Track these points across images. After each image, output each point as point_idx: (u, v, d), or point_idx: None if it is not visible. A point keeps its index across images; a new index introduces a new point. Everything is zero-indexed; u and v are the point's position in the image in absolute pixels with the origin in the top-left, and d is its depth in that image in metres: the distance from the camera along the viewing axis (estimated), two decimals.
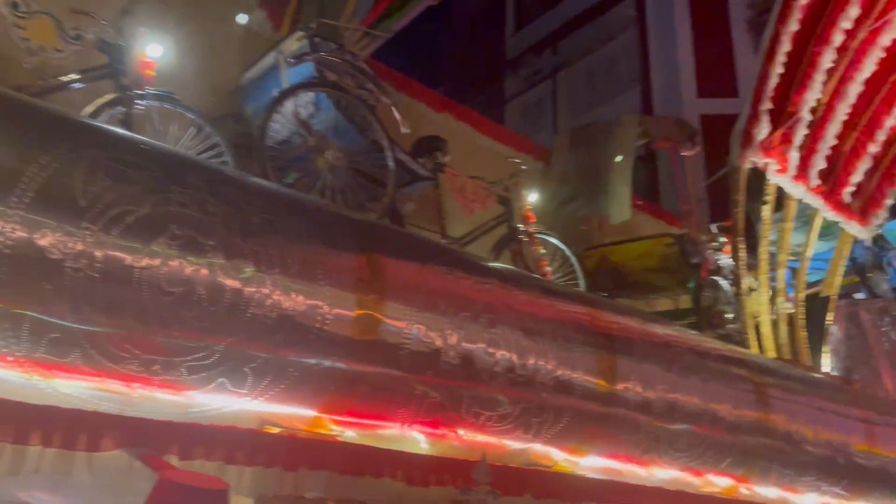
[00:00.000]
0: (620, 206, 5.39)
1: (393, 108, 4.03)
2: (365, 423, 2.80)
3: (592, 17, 17.13)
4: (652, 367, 3.60)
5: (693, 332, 4.60)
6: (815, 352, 6.24)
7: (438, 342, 2.84)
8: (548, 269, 4.91)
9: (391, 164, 3.96)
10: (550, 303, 3.46)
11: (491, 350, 3.02)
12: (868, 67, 5.91)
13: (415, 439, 2.95)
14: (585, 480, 3.36)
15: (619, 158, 5.31)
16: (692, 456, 3.76)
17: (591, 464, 3.45)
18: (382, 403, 2.79)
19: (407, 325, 2.76)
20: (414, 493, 2.74)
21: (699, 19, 15.25)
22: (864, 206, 6.59)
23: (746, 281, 5.87)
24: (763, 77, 5.49)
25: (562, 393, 3.24)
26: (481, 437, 3.09)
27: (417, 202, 4.70)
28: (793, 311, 6.29)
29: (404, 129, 4.05)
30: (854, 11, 5.43)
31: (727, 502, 4.04)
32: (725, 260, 5.88)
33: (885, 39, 5.77)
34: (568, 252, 5.13)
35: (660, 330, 3.89)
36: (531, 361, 3.14)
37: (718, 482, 3.99)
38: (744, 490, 4.14)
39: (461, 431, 3.05)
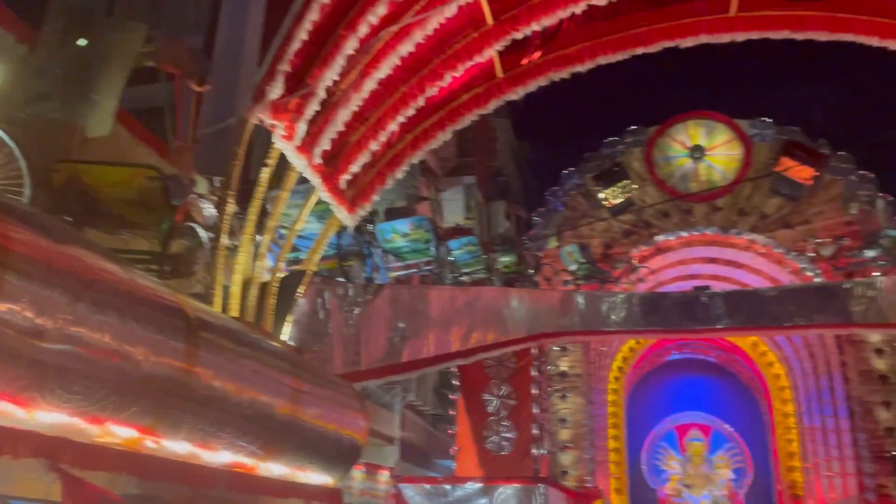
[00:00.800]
0: (102, 118, 4.67)
1: None
2: None
3: None
4: (55, 293, 3.04)
5: (143, 273, 4.17)
6: (280, 320, 6.46)
7: None
8: None
9: None
10: None
11: None
12: (385, 69, 6.40)
13: None
14: None
15: (108, 64, 4.59)
16: (90, 400, 3.30)
17: None
18: None
19: None
20: None
21: None
22: (355, 196, 7.13)
23: (228, 238, 5.74)
24: (287, 38, 5.46)
25: None
26: None
27: None
28: (269, 278, 6.41)
29: None
30: (382, 10, 5.79)
31: (125, 456, 3.68)
32: (213, 211, 5.64)
33: (403, 49, 6.32)
34: (17, 152, 4.21)
35: (83, 256, 3.32)
36: None
37: (119, 432, 3.61)
38: (150, 443, 3.85)
39: None
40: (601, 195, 14.78)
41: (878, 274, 11.48)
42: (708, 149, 14.59)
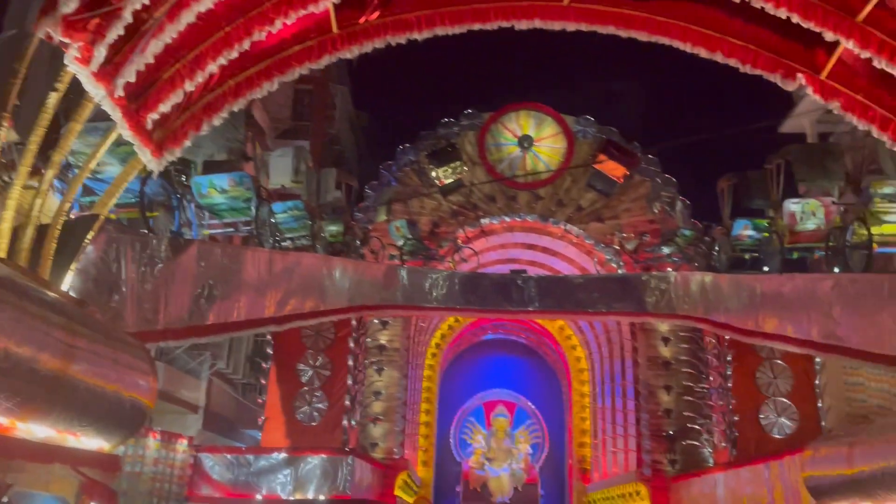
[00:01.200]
0: None
1: None
2: None
3: None
4: None
5: None
6: (61, 267, 5.75)
7: None
8: None
9: None
10: None
11: None
12: (207, 3, 5.85)
13: None
14: None
15: None
16: None
17: None
18: None
19: None
20: None
21: None
22: (163, 138, 6.52)
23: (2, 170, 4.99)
24: None
25: None
26: None
27: None
28: (51, 220, 5.68)
29: None
30: None
31: None
32: None
33: None
34: None
35: None
36: None
37: None
38: None
39: None
40: (433, 174, 14.88)
41: (671, 269, 12.57)
42: (536, 140, 15.17)
